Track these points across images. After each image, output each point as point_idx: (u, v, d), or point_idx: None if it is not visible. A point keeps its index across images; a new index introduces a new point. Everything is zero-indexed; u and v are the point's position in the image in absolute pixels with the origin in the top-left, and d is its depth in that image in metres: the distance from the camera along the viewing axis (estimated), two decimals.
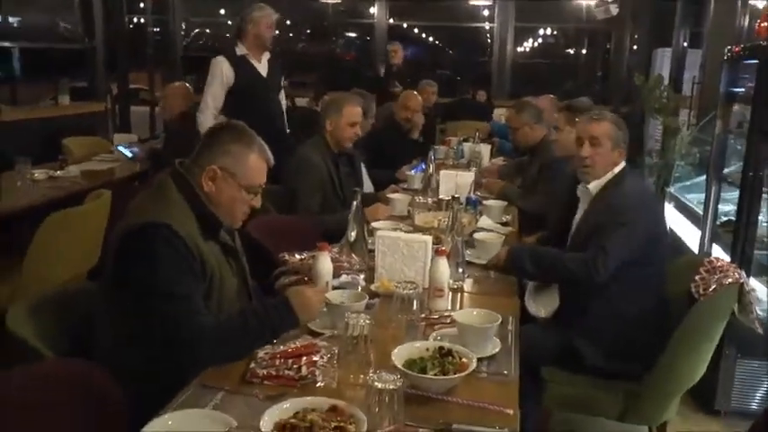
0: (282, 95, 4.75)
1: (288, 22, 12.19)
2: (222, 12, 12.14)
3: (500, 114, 8.62)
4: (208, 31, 12.07)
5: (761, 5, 4.90)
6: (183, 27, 9.93)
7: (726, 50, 3.69)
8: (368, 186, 4.33)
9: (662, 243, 2.69)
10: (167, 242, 1.82)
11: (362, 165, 4.32)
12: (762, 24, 3.35)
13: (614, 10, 7.64)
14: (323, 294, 2.00)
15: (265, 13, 4.43)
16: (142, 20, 10.35)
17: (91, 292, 2.00)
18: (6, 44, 6.27)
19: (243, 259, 2.17)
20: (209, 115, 4.34)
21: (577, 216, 2.84)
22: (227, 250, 2.05)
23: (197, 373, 1.73)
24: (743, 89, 3.58)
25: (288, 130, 4.65)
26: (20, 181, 3.96)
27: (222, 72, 4.36)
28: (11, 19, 7.46)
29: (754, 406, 3.23)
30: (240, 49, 4.42)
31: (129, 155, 4.94)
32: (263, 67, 4.48)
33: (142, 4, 9.96)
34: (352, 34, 12.51)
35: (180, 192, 1.95)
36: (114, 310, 1.89)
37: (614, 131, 2.70)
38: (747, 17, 5.04)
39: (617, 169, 2.72)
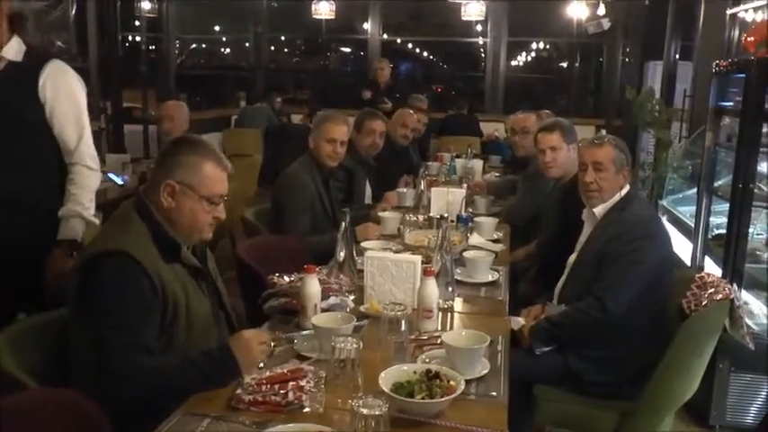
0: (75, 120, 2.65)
1: (282, 38, 12.27)
2: (217, 28, 12.21)
3: (495, 130, 8.68)
4: (204, 46, 12.13)
5: (749, 18, 4.94)
6: (177, 45, 9.96)
7: (714, 65, 3.72)
8: (368, 200, 4.35)
9: (669, 269, 2.65)
10: (120, 272, 1.80)
11: (367, 180, 4.34)
12: (748, 39, 3.36)
13: (606, 24, 7.68)
14: (264, 336, 1.91)
15: None
16: (137, 38, 10.40)
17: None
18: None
19: (217, 282, 2.15)
20: None
21: (582, 239, 2.82)
22: (196, 272, 2.03)
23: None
24: (732, 103, 3.60)
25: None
26: None
27: None
28: None
29: (749, 420, 3.21)
30: None
31: (120, 182, 4.90)
32: None
33: (137, 23, 10.00)
34: (347, 49, 12.59)
35: (140, 216, 1.94)
36: (78, 338, 1.88)
37: (617, 154, 2.67)
38: (737, 30, 5.08)
39: (623, 191, 2.69)
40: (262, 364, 1.81)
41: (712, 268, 3.43)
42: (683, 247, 4.09)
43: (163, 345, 1.88)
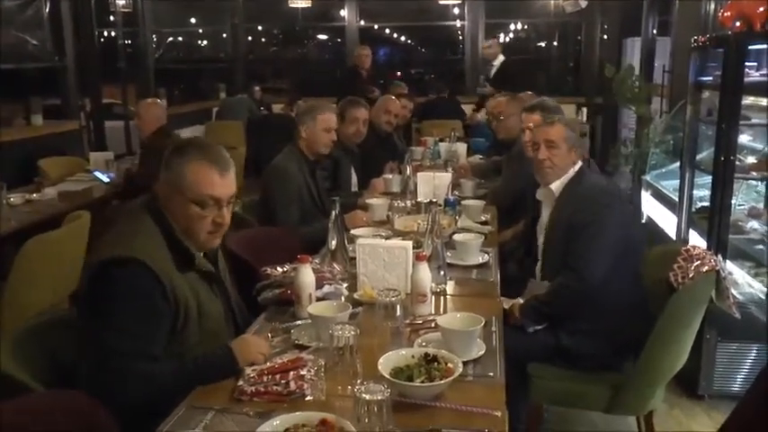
0: None
1: (259, 28, 12.17)
2: (193, 21, 12.08)
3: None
4: (181, 39, 11.98)
5: None
6: (155, 39, 9.84)
7: (692, 40, 3.75)
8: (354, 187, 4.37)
9: (635, 233, 2.77)
10: (131, 281, 1.79)
11: (352, 167, 4.35)
12: (725, 14, 3.40)
13: (583, 3, 7.69)
14: (264, 346, 1.92)
15: None
16: (113, 33, 10.26)
17: (72, 320, 1.98)
18: None
19: (226, 281, 2.15)
20: None
21: (543, 219, 2.89)
22: (209, 277, 2.02)
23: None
24: (711, 77, 3.64)
25: None
26: None
27: None
28: None
29: (736, 388, 3.28)
30: None
31: (106, 179, 4.88)
32: None
33: (112, 17, 9.87)
34: (324, 37, 12.53)
35: (154, 221, 1.92)
36: (85, 339, 1.87)
37: (568, 133, 2.79)
38: (713, 4, 5.12)
39: (576, 167, 2.81)
40: None
41: (697, 240, 3.49)
42: (667, 221, 4.15)
43: (176, 347, 1.88)
